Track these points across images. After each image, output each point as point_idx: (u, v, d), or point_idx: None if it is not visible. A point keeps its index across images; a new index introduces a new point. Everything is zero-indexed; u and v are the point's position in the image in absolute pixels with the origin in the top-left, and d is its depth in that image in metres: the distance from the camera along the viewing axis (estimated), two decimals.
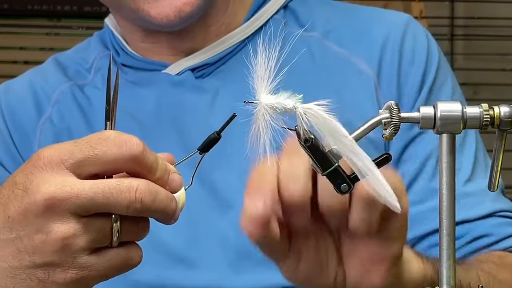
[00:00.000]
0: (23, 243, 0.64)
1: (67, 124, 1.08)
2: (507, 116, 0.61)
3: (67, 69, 1.13)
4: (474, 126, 0.62)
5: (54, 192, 0.62)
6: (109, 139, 0.64)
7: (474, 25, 2.84)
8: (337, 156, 0.63)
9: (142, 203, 0.63)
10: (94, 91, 1.09)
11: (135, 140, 0.64)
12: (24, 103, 1.10)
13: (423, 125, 0.62)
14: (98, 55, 1.13)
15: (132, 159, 0.63)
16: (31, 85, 1.12)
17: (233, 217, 0.99)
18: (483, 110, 0.62)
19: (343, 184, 0.64)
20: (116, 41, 1.12)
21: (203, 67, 1.06)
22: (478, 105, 0.62)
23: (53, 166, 0.63)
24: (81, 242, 0.63)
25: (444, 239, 0.61)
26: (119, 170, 0.65)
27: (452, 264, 0.61)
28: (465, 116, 0.61)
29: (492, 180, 0.65)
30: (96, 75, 1.11)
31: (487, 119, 0.61)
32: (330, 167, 0.63)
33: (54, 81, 1.12)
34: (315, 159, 0.63)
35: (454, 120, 0.61)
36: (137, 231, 0.66)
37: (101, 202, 0.63)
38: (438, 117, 0.61)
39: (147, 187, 0.64)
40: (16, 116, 1.10)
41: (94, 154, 0.63)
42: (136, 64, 1.09)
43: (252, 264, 0.98)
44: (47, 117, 1.09)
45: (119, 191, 0.63)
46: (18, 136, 1.09)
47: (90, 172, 0.64)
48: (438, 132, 0.62)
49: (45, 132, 1.08)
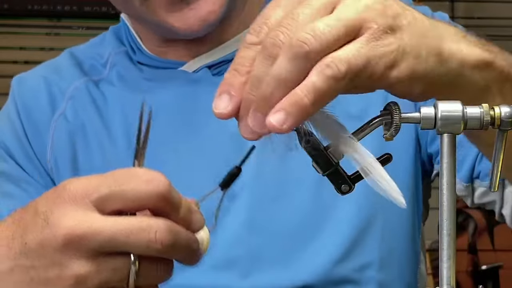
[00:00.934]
0: (37, 273, 0.63)
1: (81, 121, 1.07)
2: (507, 116, 0.62)
3: (82, 64, 1.12)
4: (475, 126, 0.62)
5: (73, 228, 0.60)
6: (137, 176, 0.62)
7: (474, 25, 2.84)
8: (338, 156, 0.63)
9: (163, 244, 0.61)
10: (109, 87, 1.09)
11: (162, 178, 0.62)
12: (38, 98, 1.09)
13: (424, 125, 0.62)
14: (113, 51, 1.11)
15: (158, 197, 0.61)
16: (46, 80, 1.11)
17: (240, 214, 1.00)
18: (484, 110, 0.62)
19: (343, 185, 0.64)
20: (132, 38, 1.11)
21: (220, 64, 1.05)
22: (479, 105, 0.62)
23: (77, 200, 0.61)
24: (95, 281, 0.61)
25: (445, 239, 0.61)
26: (143, 207, 0.62)
27: (453, 264, 0.61)
28: (465, 116, 0.61)
29: (493, 180, 0.65)
30: (111, 71, 1.10)
31: (488, 119, 0.61)
32: (330, 168, 0.63)
33: (69, 76, 1.10)
34: (315, 160, 0.63)
35: (454, 120, 0.61)
36: (157, 274, 0.63)
37: (120, 241, 0.60)
38: (439, 117, 0.61)
39: (169, 227, 0.61)
40: (30, 111, 1.09)
41: (121, 189, 0.61)
42: (152, 62, 1.08)
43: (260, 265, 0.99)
44: (61, 113, 1.08)
45: (139, 230, 0.60)
46: (31, 131, 1.08)
47: (115, 208, 0.62)
48: (439, 132, 0.62)
49: (59, 128, 1.07)
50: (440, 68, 0.64)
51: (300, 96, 0.57)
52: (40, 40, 2.97)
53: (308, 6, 0.60)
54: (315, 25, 0.58)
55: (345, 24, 0.59)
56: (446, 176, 0.62)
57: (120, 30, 1.13)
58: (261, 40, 0.60)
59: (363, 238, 1.01)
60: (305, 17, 0.59)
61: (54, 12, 2.98)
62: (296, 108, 0.57)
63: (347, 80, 0.58)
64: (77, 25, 2.98)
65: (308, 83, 0.58)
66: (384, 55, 0.60)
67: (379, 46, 0.60)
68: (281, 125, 0.57)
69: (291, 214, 1.01)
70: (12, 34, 2.96)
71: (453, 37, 0.67)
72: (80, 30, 2.96)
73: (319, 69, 0.58)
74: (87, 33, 2.89)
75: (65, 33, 2.96)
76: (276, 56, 0.58)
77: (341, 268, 1.00)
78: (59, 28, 2.99)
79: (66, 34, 2.95)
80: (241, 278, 0.99)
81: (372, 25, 0.60)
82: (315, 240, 1.01)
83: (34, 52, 2.96)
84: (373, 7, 0.61)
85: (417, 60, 0.62)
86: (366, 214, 1.01)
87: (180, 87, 1.05)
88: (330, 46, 0.58)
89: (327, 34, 0.58)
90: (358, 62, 0.59)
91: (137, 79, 1.08)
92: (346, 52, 0.59)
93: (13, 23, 2.97)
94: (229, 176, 0.68)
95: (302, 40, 0.57)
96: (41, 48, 2.96)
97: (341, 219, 1.01)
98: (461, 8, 3.04)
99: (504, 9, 3.03)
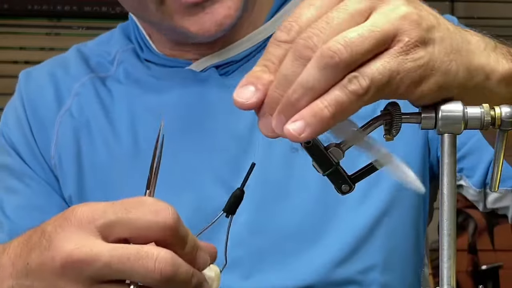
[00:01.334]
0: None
1: (86, 117, 1.07)
2: (508, 116, 0.61)
3: (89, 61, 1.12)
4: (475, 126, 0.62)
5: (71, 252, 0.60)
6: (145, 205, 0.61)
7: (474, 25, 2.83)
8: (338, 156, 0.63)
9: (162, 274, 0.60)
10: (115, 84, 1.09)
11: (171, 209, 0.61)
12: (44, 93, 1.10)
13: (424, 125, 0.62)
14: (121, 48, 1.11)
15: (165, 228, 0.61)
16: (52, 76, 1.11)
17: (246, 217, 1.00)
18: (484, 111, 0.62)
19: (343, 185, 0.64)
20: (141, 36, 1.11)
21: (228, 64, 1.05)
22: (479, 105, 0.62)
23: (82, 224, 0.61)
24: None
25: (445, 239, 0.61)
26: (150, 238, 0.62)
27: (453, 264, 0.61)
28: (466, 116, 0.61)
29: (493, 180, 0.65)
30: (118, 68, 1.10)
31: (488, 119, 0.61)
32: (330, 168, 0.63)
33: (75, 73, 1.11)
34: (315, 160, 0.63)
35: (455, 121, 0.61)
36: None
37: (117, 267, 0.60)
38: (439, 117, 0.61)
39: (169, 258, 0.60)
40: (36, 106, 1.09)
41: (127, 217, 0.61)
42: (159, 61, 1.08)
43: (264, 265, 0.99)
44: (66, 109, 1.08)
45: (137, 257, 0.59)
46: (36, 126, 1.08)
47: (120, 235, 0.61)
48: (439, 132, 0.61)
49: (64, 125, 1.07)
50: (468, 83, 0.64)
51: (321, 108, 0.57)
52: (40, 40, 2.97)
53: (344, 11, 0.59)
54: (348, 35, 0.57)
55: (378, 36, 0.58)
56: (446, 176, 0.62)
57: (128, 27, 1.13)
58: (292, 38, 0.59)
59: (368, 240, 1.01)
60: (339, 22, 0.58)
61: (54, 12, 2.98)
62: (316, 119, 0.57)
63: (369, 96, 0.58)
64: (77, 25, 2.98)
65: (330, 96, 0.57)
66: (411, 70, 0.59)
67: (408, 60, 0.59)
68: (299, 134, 0.57)
69: (294, 215, 1.01)
70: (12, 34, 2.96)
71: (482, 50, 0.66)
72: (80, 30, 2.95)
73: (343, 83, 0.57)
74: (87, 33, 2.89)
75: (65, 33, 2.96)
76: (307, 58, 0.58)
77: (344, 270, 1.00)
78: (59, 28, 2.99)
79: (66, 34, 2.94)
80: (243, 279, 0.99)
81: (404, 38, 0.59)
82: (318, 241, 1.01)
83: (34, 52, 2.96)
84: (409, 17, 0.60)
85: (445, 76, 0.61)
86: (371, 217, 1.01)
87: (187, 86, 1.05)
88: (360, 58, 0.57)
89: (358, 46, 0.57)
90: (382, 78, 0.58)
91: (144, 76, 1.08)
92: (371, 68, 0.58)
93: (13, 23, 2.97)
94: (232, 200, 0.66)
95: (333, 50, 0.56)
96: (41, 48, 2.96)
97: (345, 220, 1.01)
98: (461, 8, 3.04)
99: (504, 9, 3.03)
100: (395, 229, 1.03)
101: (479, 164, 1.01)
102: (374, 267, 1.01)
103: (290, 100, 0.57)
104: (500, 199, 1.03)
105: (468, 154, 1.02)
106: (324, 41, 0.57)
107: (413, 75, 0.59)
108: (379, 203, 1.01)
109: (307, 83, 0.57)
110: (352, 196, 0.64)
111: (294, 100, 0.57)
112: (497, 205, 1.03)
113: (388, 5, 0.60)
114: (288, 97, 0.58)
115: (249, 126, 1.00)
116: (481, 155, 1.00)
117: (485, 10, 3.03)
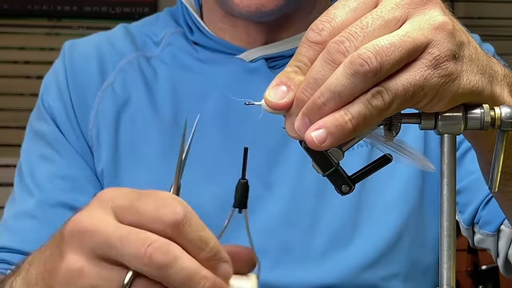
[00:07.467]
0: (49, 262, 0.63)
1: (128, 94, 1.08)
2: (508, 117, 0.61)
3: (135, 39, 1.13)
4: (475, 126, 0.62)
5: (81, 219, 0.60)
6: (157, 198, 0.59)
7: (474, 25, 2.83)
8: (338, 157, 0.63)
9: (151, 259, 0.56)
10: (161, 64, 1.10)
11: (178, 208, 0.58)
12: (88, 63, 1.10)
13: (424, 125, 0.62)
14: (169, 31, 1.13)
15: (165, 224, 0.58)
16: (98, 48, 1.12)
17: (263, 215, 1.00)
18: (484, 111, 0.62)
19: (344, 185, 0.64)
20: (190, 17, 1.12)
21: (277, 58, 1.06)
22: (479, 106, 0.62)
23: (103, 203, 0.61)
24: (85, 282, 0.59)
25: (445, 240, 0.61)
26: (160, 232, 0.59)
27: (453, 265, 0.61)
28: (466, 116, 0.61)
29: (493, 180, 0.65)
30: (165, 50, 1.11)
31: (488, 120, 0.61)
32: (330, 168, 0.63)
33: (121, 48, 1.12)
34: (315, 160, 0.63)
35: (455, 121, 0.61)
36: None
37: (113, 245, 0.58)
38: (439, 118, 0.61)
39: (165, 245, 0.57)
40: (79, 73, 1.10)
41: (136, 206, 0.59)
42: (209, 44, 1.09)
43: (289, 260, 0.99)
44: (110, 83, 1.09)
45: (133, 239, 0.57)
46: (76, 94, 1.09)
47: (129, 220, 0.59)
48: (439, 133, 0.61)
49: (105, 99, 1.08)
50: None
51: (345, 120, 0.57)
52: (40, 40, 2.96)
53: (379, 18, 0.58)
54: (380, 43, 0.57)
55: (409, 46, 0.57)
56: (446, 177, 0.61)
57: (176, 11, 1.15)
58: (324, 39, 0.58)
59: (394, 248, 1.02)
60: (374, 29, 0.58)
61: (54, 12, 2.98)
62: (338, 130, 0.57)
63: (391, 110, 0.58)
64: (77, 25, 2.98)
65: (355, 109, 0.57)
66: (437, 86, 0.58)
67: (435, 75, 0.58)
68: (320, 143, 0.57)
69: (330, 213, 1.01)
70: (12, 34, 2.96)
71: (501, 81, 0.66)
72: (80, 30, 2.95)
73: (367, 97, 0.57)
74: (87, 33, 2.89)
75: (65, 33, 2.96)
76: (337, 62, 0.57)
77: (369, 275, 1.01)
78: (59, 28, 2.99)
79: (66, 34, 2.94)
80: (269, 269, 0.98)
81: (435, 51, 0.58)
82: (349, 243, 1.01)
83: (34, 52, 2.96)
84: (443, 28, 0.59)
85: (469, 96, 0.61)
86: (400, 225, 1.02)
87: (234, 73, 1.06)
88: (389, 68, 0.57)
89: (389, 56, 0.56)
90: (406, 94, 0.57)
91: (190, 60, 1.10)
92: (397, 82, 0.57)
93: (13, 23, 2.96)
94: (240, 193, 0.64)
95: (364, 58, 0.56)
96: (41, 48, 2.96)
97: (377, 226, 1.02)
98: (461, 8, 3.03)
99: (504, 9, 3.02)
100: (419, 239, 1.05)
101: (471, 203, 1.03)
102: (397, 275, 1.02)
103: (316, 103, 0.57)
104: (483, 241, 1.04)
105: (464, 190, 1.03)
106: (356, 47, 0.57)
107: (437, 91, 0.59)
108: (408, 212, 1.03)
109: (335, 88, 0.57)
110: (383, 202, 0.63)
111: (320, 103, 0.57)
112: (481, 245, 1.05)
113: (424, 14, 0.59)
114: (314, 100, 0.57)
115: None
116: (476, 194, 1.02)
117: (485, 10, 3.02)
